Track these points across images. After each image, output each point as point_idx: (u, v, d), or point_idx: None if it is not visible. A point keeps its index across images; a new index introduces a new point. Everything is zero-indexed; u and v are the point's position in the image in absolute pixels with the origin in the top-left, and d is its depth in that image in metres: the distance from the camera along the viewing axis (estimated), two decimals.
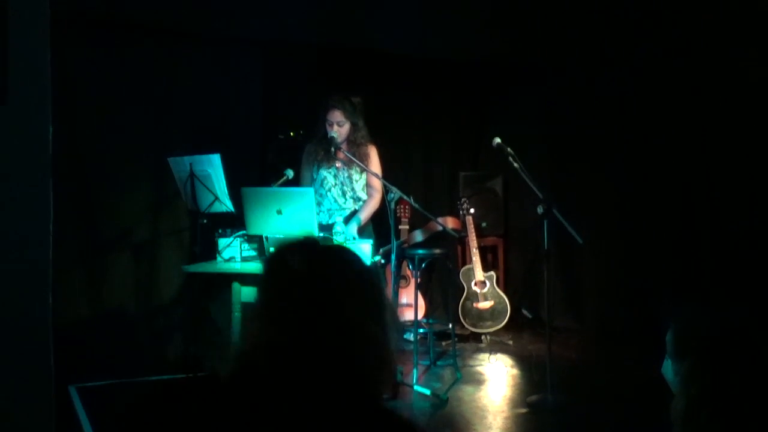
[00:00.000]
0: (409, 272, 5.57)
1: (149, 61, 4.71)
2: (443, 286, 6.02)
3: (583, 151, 5.76)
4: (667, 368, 1.66)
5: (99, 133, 4.58)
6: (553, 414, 3.83)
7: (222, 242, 3.71)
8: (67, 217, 4.30)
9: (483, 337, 5.49)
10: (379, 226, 4.51)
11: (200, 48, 4.87)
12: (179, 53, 4.81)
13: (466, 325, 5.43)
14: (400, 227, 5.37)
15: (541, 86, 6.00)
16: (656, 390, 3.54)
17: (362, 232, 4.23)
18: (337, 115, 4.21)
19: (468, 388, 4.27)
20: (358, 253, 1.24)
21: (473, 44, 5.58)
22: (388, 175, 4.34)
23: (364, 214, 4.29)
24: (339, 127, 4.21)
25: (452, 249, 5.72)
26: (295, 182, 4.30)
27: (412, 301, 4.98)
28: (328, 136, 4.19)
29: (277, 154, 5.13)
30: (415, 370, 4.34)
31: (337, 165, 4.30)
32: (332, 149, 4.16)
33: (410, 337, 5.34)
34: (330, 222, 4.16)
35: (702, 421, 1.48)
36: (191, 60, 4.85)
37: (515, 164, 4.01)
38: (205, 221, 4.20)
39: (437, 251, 4.66)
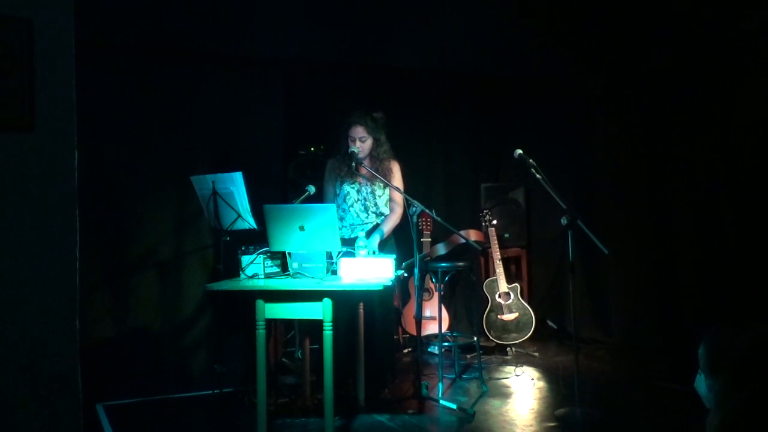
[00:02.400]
0: (432, 285, 5.55)
1: (171, 82, 4.78)
2: (467, 298, 5.99)
3: (608, 162, 5.72)
4: (700, 383, 1.65)
5: (122, 153, 4.64)
6: (582, 428, 3.77)
7: (245, 259, 3.72)
8: (92, 237, 4.35)
9: (508, 349, 5.44)
10: (401, 240, 4.50)
11: (222, 68, 4.93)
12: (201, 74, 4.87)
13: (491, 338, 5.39)
14: (422, 240, 5.36)
15: (563, 99, 5.97)
16: (685, 403, 3.48)
17: (384, 246, 4.22)
18: (359, 131, 4.21)
19: (494, 402, 4.23)
20: (381, 267, 1.26)
21: (493, 60, 5.60)
22: (409, 189, 4.33)
23: (387, 228, 4.28)
24: (361, 143, 4.21)
25: (475, 261, 5.69)
26: (317, 198, 4.31)
27: (436, 314, 4.95)
28: (350, 151, 4.20)
29: (299, 171, 5.16)
30: (440, 384, 4.31)
31: (359, 180, 4.31)
32: (354, 164, 4.17)
33: (435, 350, 5.32)
34: (352, 236, 4.16)
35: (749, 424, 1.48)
36: (213, 80, 4.91)
37: (538, 175, 3.98)
38: (228, 239, 4.22)
39: (460, 264, 4.64)
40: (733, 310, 4.72)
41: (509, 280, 5.52)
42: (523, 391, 4.51)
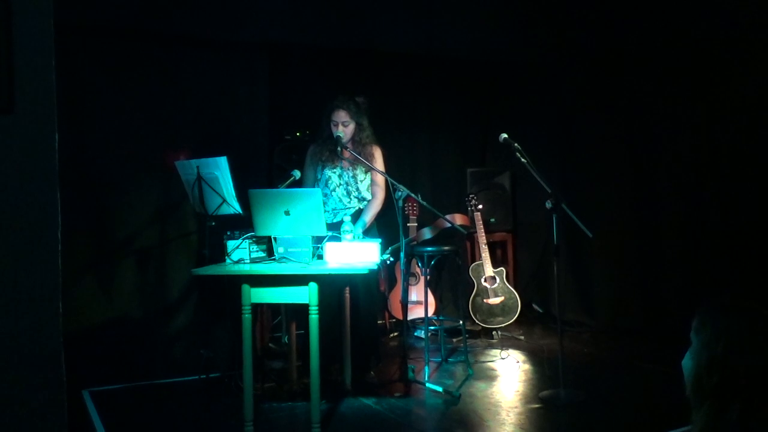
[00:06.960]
0: (418, 270, 5.57)
1: (155, 66, 4.72)
2: (453, 282, 6.01)
3: (593, 146, 5.74)
4: (688, 358, 1.67)
5: (106, 138, 4.59)
6: (566, 409, 3.82)
7: (230, 244, 3.71)
8: (76, 223, 4.31)
9: (494, 332, 5.48)
10: (387, 225, 4.50)
11: (206, 52, 4.87)
12: (185, 57, 4.82)
13: (476, 321, 5.42)
14: (408, 225, 5.37)
15: (549, 84, 5.98)
16: (668, 384, 3.52)
17: (367, 231, 4.22)
18: (342, 116, 4.21)
19: (480, 385, 4.27)
20: (367, 251, 1.26)
21: (479, 43, 5.58)
22: (395, 173, 4.33)
23: (369, 216, 4.29)
24: (344, 127, 4.21)
25: (461, 245, 5.72)
26: (302, 183, 4.30)
27: (422, 299, 4.97)
28: (335, 135, 4.19)
29: (284, 155, 5.14)
30: (426, 368, 4.34)
31: (342, 165, 4.30)
32: (339, 149, 4.16)
33: (421, 334, 5.35)
34: (335, 221, 4.16)
35: (713, 379, 1.57)
36: (198, 64, 4.86)
37: (523, 159, 4.00)
38: (213, 224, 4.21)
39: (446, 248, 4.65)
40: (716, 293, 4.77)
41: (495, 265, 5.55)
42: (508, 373, 4.55)
